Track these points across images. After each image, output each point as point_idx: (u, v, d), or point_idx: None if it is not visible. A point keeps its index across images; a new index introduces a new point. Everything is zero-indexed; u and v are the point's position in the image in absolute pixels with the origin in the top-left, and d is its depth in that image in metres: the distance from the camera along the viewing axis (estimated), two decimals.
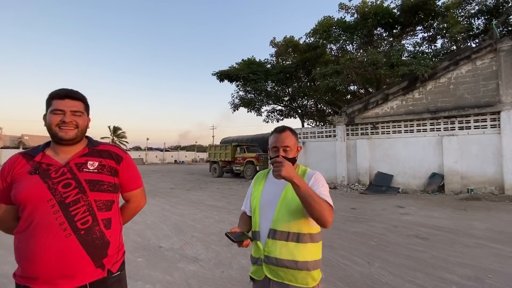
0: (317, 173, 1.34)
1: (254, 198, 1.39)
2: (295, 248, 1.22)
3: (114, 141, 54.64)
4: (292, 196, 1.23)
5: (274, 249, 1.23)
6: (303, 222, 1.24)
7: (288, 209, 1.25)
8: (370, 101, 11.45)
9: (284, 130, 1.34)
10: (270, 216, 1.27)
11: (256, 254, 1.32)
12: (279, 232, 1.24)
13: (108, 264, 1.18)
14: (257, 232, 1.32)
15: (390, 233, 4.73)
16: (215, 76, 16.60)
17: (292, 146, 1.31)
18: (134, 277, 3.05)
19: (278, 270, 1.23)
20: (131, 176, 1.34)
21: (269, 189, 1.36)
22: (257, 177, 1.49)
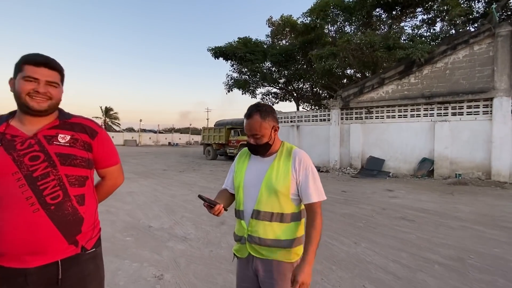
0: (302, 155, 1.28)
1: (237, 176, 1.35)
2: (279, 228, 1.22)
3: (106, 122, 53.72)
4: (277, 177, 1.23)
5: (257, 229, 1.23)
6: (286, 202, 1.24)
7: (272, 190, 1.23)
8: (366, 85, 11.33)
9: (250, 116, 1.24)
10: (254, 196, 1.26)
11: (239, 233, 1.32)
12: (263, 213, 1.23)
13: (82, 241, 1.13)
14: (241, 212, 1.31)
15: (378, 215, 4.82)
16: (210, 53, 16.07)
17: (263, 131, 1.23)
18: (121, 255, 3.05)
19: (261, 249, 1.24)
20: (106, 151, 1.25)
21: (253, 168, 1.32)
22: (241, 155, 1.44)
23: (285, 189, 1.22)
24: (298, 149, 1.32)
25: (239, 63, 16.24)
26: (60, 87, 1.11)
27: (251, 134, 1.25)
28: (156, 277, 2.59)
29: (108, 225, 4.13)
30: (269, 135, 1.26)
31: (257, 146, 1.26)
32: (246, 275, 1.31)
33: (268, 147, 1.28)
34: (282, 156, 1.29)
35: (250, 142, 1.27)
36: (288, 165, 1.25)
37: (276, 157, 1.29)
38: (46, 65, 1.06)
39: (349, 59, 11.38)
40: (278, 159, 1.28)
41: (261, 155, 1.31)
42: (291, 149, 1.31)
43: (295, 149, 1.32)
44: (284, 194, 1.22)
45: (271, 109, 1.31)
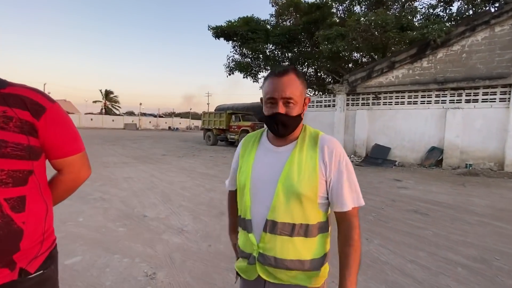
0: (334, 143, 0.92)
1: (242, 172, 0.98)
2: (303, 245, 0.89)
3: (107, 106, 53.05)
4: (299, 174, 0.87)
5: (273, 246, 0.89)
6: (313, 209, 0.89)
7: (293, 193, 0.87)
8: (375, 68, 10.76)
9: (287, 72, 0.88)
10: (267, 201, 0.90)
11: (246, 249, 0.96)
12: (281, 225, 0.88)
13: (22, 262, 0.80)
14: (248, 221, 0.94)
15: (389, 208, 4.53)
16: (211, 32, 15.29)
17: (298, 97, 0.89)
18: (112, 249, 2.78)
19: (277, 272, 0.91)
20: (61, 136, 0.88)
21: (264, 161, 0.95)
22: (246, 142, 1.06)
23: (311, 191, 0.87)
24: (326, 135, 0.95)
25: (241, 43, 15.47)
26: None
27: (283, 96, 0.87)
28: (148, 276, 2.31)
29: (101, 213, 3.86)
30: (301, 106, 0.91)
31: (289, 119, 0.88)
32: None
33: (298, 122, 0.92)
34: (305, 144, 0.92)
35: (278, 111, 0.87)
36: (314, 157, 0.89)
37: (296, 146, 0.92)
38: None
39: (357, 41, 10.70)
40: (299, 149, 0.91)
41: (286, 134, 0.92)
42: (316, 135, 0.94)
43: (322, 135, 0.95)
44: (310, 198, 0.87)
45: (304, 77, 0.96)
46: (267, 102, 0.91)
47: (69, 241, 2.90)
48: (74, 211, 3.87)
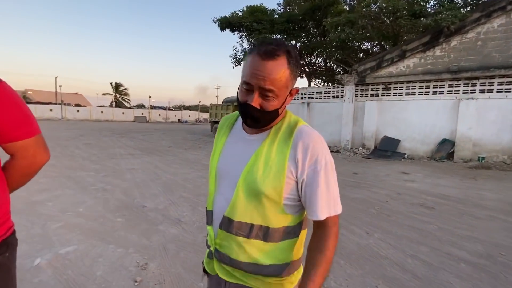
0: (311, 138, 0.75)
1: (213, 157, 0.89)
2: (260, 248, 0.78)
3: (117, 99, 53.90)
4: (264, 171, 0.75)
5: (227, 244, 0.81)
6: (275, 211, 0.77)
7: (253, 191, 0.75)
8: (385, 58, 10.38)
9: (274, 55, 0.69)
10: (228, 194, 0.80)
11: (209, 240, 0.89)
12: (237, 224, 0.78)
13: None
14: (209, 212, 0.87)
15: (393, 201, 4.39)
16: (217, 24, 15.11)
17: (282, 89, 0.72)
18: (107, 239, 2.79)
19: (234, 271, 0.83)
20: (9, 118, 0.82)
21: (233, 149, 0.85)
22: (221, 125, 0.95)
23: (274, 191, 0.74)
24: (305, 127, 0.79)
25: (247, 34, 15.23)
26: None
27: (261, 86, 0.70)
28: (139, 266, 2.31)
29: (101, 203, 3.90)
30: (284, 99, 0.76)
31: (261, 113, 0.73)
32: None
33: (274, 117, 0.77)
34: (279, 135, 0.78)
35: (252, 103, 0.72)
36: (285, 152, 0.75)
37: (269, 137, 0.79)
38: None
39: (367, 29, 10.31)
40: (271, 140, 0.78)
41: (258, 127, 0.79)
42: (294, 126, 0.79)
43: (300, 126, 0.78)
44: (273, 199, 0.75)
45: (299, 60, 0.77)
46: (242, 85, 0.75)
47: (67, 230, 2.94)
48: (75, 201, 3.93)
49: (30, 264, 2.24)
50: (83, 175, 5.55)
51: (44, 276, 2.10)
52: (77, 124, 25.08)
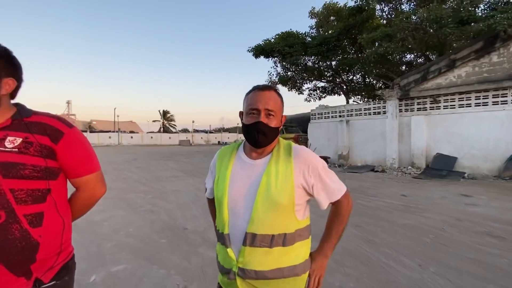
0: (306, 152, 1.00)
1: (219, 185, 1.01)
2: (281, 253, 0.94)
3: (164, 124, 58.89)
4: (276, 186, 0.92)
5: (253, 259, 0.92)
6: (290, 217, 0.94)
7: (271, 204, 0.91)
8: (431, 69, 9.68)
9: (269, 88, 0.99)
10: (245, 214, 0.93)
11: (226, 264, 0.99)
12: (260, 237, 0.91)
13: (38, 272, 0.89)
14: (226, 236, 0.97)
15: (452, 228, 3.87)
16: (251, 53, 15.90)
17: (278, 111, 0.98)
18: (152, 259, 2.96)
19: (258, 283, 0.94)
20: (77, 157, 0.99)
21: (240, 174, 0.99)
22: (222, 154, 1.11)
23: (288, 200, 0.92)
24: (298, 145, 1.04)
25: (281, 58, 15.68)
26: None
27: (266, 108, 0.94)
28: None
29: (148, 224, 4.19)
30: (279, 120, 1.00)
31: (268, 129, 0.94)
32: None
33: (276, 135, 1.00)
34: (280, 156, 0.98)
35: (260, 120, 0.94)
36: (289, 167, 0.95)
37: (272, 158, 0.98)
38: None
39: (408, 41, 9.82)
40: (275, 161, 0.97)
41: (264, 144, 0.97)
42: (289, 147, 1.02)
43: (295, 146, 1.03)
44: (288, 207, 0.93)
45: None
46: (249, 113, 0.97)
47: (118, 249, 3.20)
48: (126, 222, 4.29)
49: (87, 281, 2.48)
50: (133, 197, 6.06)
51: None
52: (130, 149, 27.79)
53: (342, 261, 2.85)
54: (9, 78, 0.94)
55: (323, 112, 13.71)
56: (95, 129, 48.03)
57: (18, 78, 0.98)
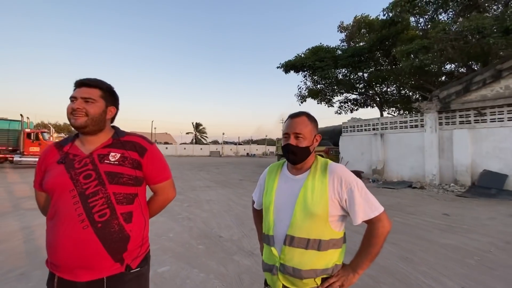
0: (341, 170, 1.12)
1: (267, 196, 1.22)
2: (316, 257, 1.08)
3: (197, 136, 61.55)
4: (312, 198, 1.08)
5: (291, 257, 1.10)
6: (324, 226, 1.09)
7: (307, 213, 1.08)
8: (474, 80, 9.10)
9: (299, 115, 1.18)
10: (286, 220, 1.12)
11: (269, 261, 1.18)
12: (298, 239, 1.09)
13: (128, 259, 1.13)
14: (271, 237, 1.16)
15: (500, 251, 3.59)
16: (281, 69, 16.25)
17: (307, 133, 1.14)
18: (192, 263, 3.20)
19: (295, 280, 1.11)
20: (156, 168, 1.27)
21: (284, 188, 1.19)
22: (270, 170, 1.32)
23: (322, 211, 1.06)
24: (334, 163, 1.18)
25: (311, 73, 15.78)
26: (98, 102, 1.16)
27: (293, 132, 1.14)
28: None
29: (187, 231, 4.49)
30: (312, 141, 1.16)
31: (297, 148, 1.13)
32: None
33: (307, 153, 1.15)
34: (317, 172, 1.14)
35: (289, 142, 1.14)
36: (324, 182, 1.10)
37: (309, 174, 1.15)
38: (85, 84, 1.15)
39: (447, 51, 9.38)
40: (312, 177, 1.13)
41: (297, 162, 1.16)
42: (326, 164, 1.17)
43: (331, 163, 1.17)
44: (322, 217, 1.07)
45: (316, 120, 1.24)
46: (283, 137, 1.18)
47: (162, 252, 3.51)
48: (167, 228, 4.64)
49: None
50: (171, 205, 6.48)
51: None
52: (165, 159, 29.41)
53: (378, 277, 2.82)
54: (112, 106, 1.24)
55: (356, 125, 13.41)
56: None
57: (117, 107, 1.28)
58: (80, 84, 1.16)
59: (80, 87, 1.16)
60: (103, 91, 1.19)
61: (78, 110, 1.12)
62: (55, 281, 1.09)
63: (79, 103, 1.13)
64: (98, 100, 1.17)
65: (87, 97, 1.14)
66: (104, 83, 1.22)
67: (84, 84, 1.16)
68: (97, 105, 1.16)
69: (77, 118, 1.13)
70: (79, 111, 1.13)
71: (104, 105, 1.19)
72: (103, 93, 1.19)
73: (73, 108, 1.13)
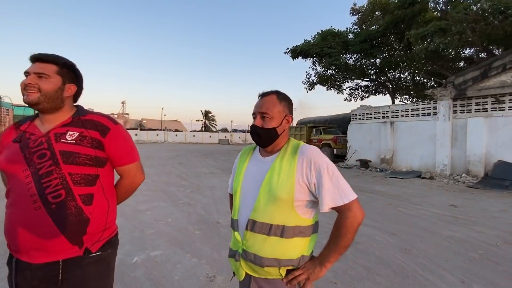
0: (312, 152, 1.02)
1: (236, 179, 1.18)
2: (278, 244, 1.01)
3: (206, 124, 61.84)
4: (278, 181, 1.01)
5: (252, 243, 1.04)
6: (289, 212, 1.01)
7: (271, 197, 1.01)
8: (493, 65, 8.54)
9: (268, 94, 1.11)
10: (250, 204, 1.06)
11: (234, 247, 1.13)
12: (259, 224, 1.02)
13: (88, 243, 1.09)
14: (236, 221, 1.12)
15: (508, 246, 3.42)
16: (288, 55, 15.75)
17: (274, 113, 1.07)
18: (186, 248, 3.20)
19: (256, 267, 1.05)
20: (120, 150, 1.19)
21: (252, 170, 1.13)
22: (242, 153, 1.25)
23: (287, 195, 0.99)
24: (306, 145, 1.08)
25: (319, 59, 15.20)
26: (52, 78, 1.09)
27: (260, 111, 1.07)
28: (208, 277, 2.55)
29: (185, 216, 4.51)
30: (280, 121, 1.08)
31: (262, 130, 1.06)
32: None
33: (274, 135, 1.07)
34: (286, 154, 1.07)
35: (255, 123, 1.08)
36: (292, 164, 1.02)
37: (278, 156, 1.08)
38: (39, 59, 1.07)
39: (466, 34, 8.78)
40: (280, 158, 1.06)
41: (264, 144, 1.10)
42: (297, 146, 1.09)
43: (303, 145, 1.09)
44: (287, 201, 0.99)
45: (290, 99, 1.16)
46: (252, 116, 1.11)
47: (157, 236, 3.53)
48: (166, 213, 4.67)
49: (130, 261, 2.80)
50: (174, 190, 6.55)
51: (138, 272, 2.59)
52: (174, 146, 29.76)
53: (373, 268, 2.74)
54: (71, 84, 1.16)
55: (365, 112, 13.02)
56: (145, 127, 52.49)
57: (79, 85, 1.20)
58: (35, 59, 1.10)
59: (34, 62, 1.09)
60: (59, 66, 1.12)
61: (30, 86, 1.06)
62: (13, 262, 1.07)
63: (31, 78, 1.07)
64: (52, 76, 1.10)
65: (40, 73, 1.08)
66: (61, 58, 1.14)
67: (39, 59, 1.10)
68: (51, 81, 1.09)
69: (29, 94, 1.07)
70: (31, 87, 1.07)
71: (61, 82, 1.12)
72: (59, 69, 1.12)
73: (25, 83, 1.06)
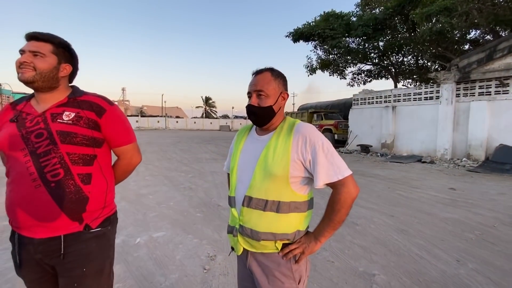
0: (307, 129, 1.03)
1: (233, 158, 1.18)
2: (274, 219, 1.03)
3: (206, 110, 61.47)
4: (273, 158, 1.02)
5: (249, 218, 1.06)
6: (284, 188, 1.02)
7: (267, 173, 1.02)
8: (499, 47, 8.33)
9: (261, 71, 1.09)
10: (247, 181, 1.07)
11: (232, 223, 1.16)
12: (255, 200, 1.04)
13: (88, 219, 1.11)
14: (233, 198, 1.14)
15: (505, 227, 3.47)
16: (289, 38, 15.34)
17: (270, 91, 1.06)
18: (187, 230, 3.28)
19: (253, 242, 1.07)
20: (116, 130, 1.19)
21: (248, 148, 1.14)
22: (239, 133, 1.26)
23: (282, 171, 1.00)
24: (302, 123, 1.08)
25: (321, 42, 14.81)
26: (47, 57, 1.08)
27: (255, 90, 1.06)
28: (209, 256, 2.63)
29: (187, 200, 4.58)
30: (276, 99, 1.07)
31: (259, 109, 1.05)
32: (245, 273, 1.16)
33: (271, 113, 1.07)
34: (282, 132, 1.07)
35: (251, 103, 1.07)
36: (288, 142, 1.02)
37: (274, 134, 1.08)
38: (34, 37, 1.06)
39: (472, 14, 8.50)
40: (276, 136, 1.07)
41: (261, 123, 1.10)
42: (293, 124, 1.08)
43: (299, 123, 1.08)
44: (281, 178, 1.00)
45: (284, 76, 1.14)
46: (247, 96, 1.10)
47: (160, 219, 3.60)
48: (168, 196, 4.74)
49: (133, 242, 2.87)
50: (175, 175, 6.62)
51: (141, 252, 2.66)
52: (176, 133, 29.79)
53: (370, 247, 2.80)
54: (66, 64, 1.14)
55: (367, 97, 12.87)
56: (146, 114, 52.31)
57: (74, 66, 1.19)
58: (30, 37, 1.08)
59: (30, 41, 1.08)
60: (55, 46, 1.11)
61: (25, 64, 1.06)
62: (16, 237, 1.10)
63: (26, 56, 1.06)
64: (48, 55, 1.09)
65: (36, 51, 1.06)
66: (57, 37, 1.13)
67: (34, 38, 1.08)
68: (46, 60, 1.08)
69: (24, 72, 1.06)
70: (26, 65, 1.06)
71: (56, 61, 1.11)
72: (55, 48, 1.11)
73: (20, 61, 1.06)
